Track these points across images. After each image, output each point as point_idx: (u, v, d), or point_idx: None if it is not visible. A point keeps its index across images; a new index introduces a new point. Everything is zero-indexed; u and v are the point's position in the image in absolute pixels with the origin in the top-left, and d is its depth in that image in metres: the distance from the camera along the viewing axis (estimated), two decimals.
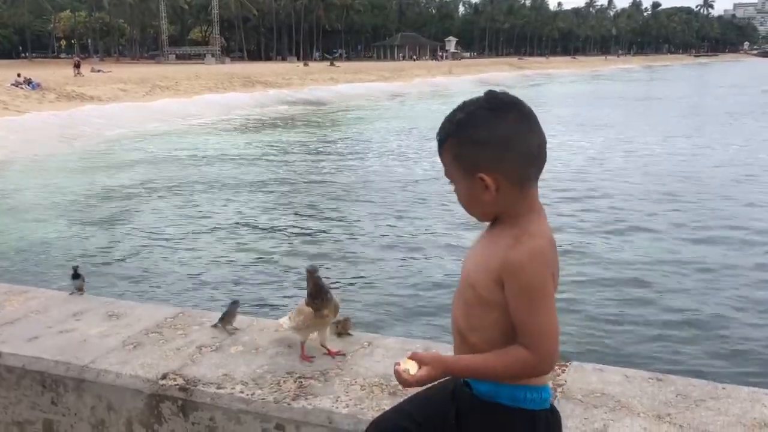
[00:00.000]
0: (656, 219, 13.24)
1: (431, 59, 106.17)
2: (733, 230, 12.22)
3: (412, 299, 8.81)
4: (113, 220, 13.13)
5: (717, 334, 7.68)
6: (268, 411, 2.15)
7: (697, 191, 15.64)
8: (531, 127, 1.66)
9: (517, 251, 1.61)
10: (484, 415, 1.70)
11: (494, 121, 1.65)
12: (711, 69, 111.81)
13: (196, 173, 18.39)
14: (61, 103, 30.65)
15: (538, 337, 1.61)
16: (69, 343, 2.59)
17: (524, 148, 1.64)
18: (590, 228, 12.34)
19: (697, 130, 27.45)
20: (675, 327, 7.84)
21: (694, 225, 12.68)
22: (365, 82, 53.71)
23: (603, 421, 2.03)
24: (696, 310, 8.39)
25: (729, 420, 2.03)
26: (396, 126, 29.82)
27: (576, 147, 22.21)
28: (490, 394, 1.69)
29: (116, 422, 2.37)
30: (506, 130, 1.64)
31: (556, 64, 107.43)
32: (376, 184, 16.83)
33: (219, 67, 63.49)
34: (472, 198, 1.71)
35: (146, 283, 9.36)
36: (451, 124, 1.69)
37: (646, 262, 10.38)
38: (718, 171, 18.19)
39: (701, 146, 22.87)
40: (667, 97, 47.82)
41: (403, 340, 2.65)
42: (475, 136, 1.66)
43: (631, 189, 15.81)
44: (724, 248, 11.20)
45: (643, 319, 8.09)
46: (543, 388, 1.74)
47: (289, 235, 12.32)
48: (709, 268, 10.13)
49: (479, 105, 1.67)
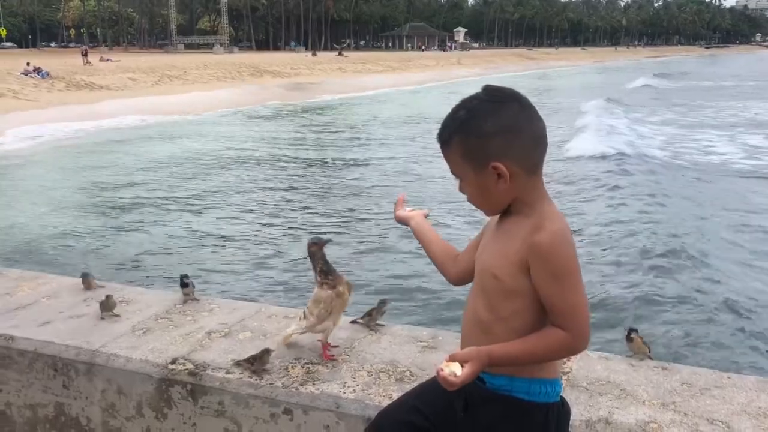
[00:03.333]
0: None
1: (440, 50, 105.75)
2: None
3: (418, 286, 8.83)
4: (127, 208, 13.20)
5: (725, 323, 7.68)
6: (277, 395, 2.18)
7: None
8: (532, 114, 1.70)
9: (542, 235, 1.63)
10: (498, 408, 1.71)
11: (498, 111, 1.68)
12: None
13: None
14: (70, 92, 30.76)
15: (572, 316, 1.64)
16: (80, 327, 2.63)
17: (531, 133, 1.69)
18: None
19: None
20: (683, 316, 7.84)
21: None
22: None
23: (608, 408, 2.04)
24: (705, 298, 8.39)
25: (734, 408, 2.05)
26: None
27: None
28: (506, 388, 1.71)
29: (126, 406, 2.40)
30: (511, 118, 1.68)
31: (566, 55, 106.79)
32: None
33: (227, 56, 63.46)
34: (485, 191, 1.73)
35: (155, 270, 9.42)
36: (455, 123, 1.72)
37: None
38: None
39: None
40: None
41: (410, 328, 2.67)
42: (481, 128, 1.68)
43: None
44: (737, 233, 11.17)
45: (652, 308, 8.10)
46: (556, 381, 1.76)
47: (302, 223, 12.38)
48: (713, 253, 10.12)
49: (480, 99, 1.71)
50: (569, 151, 19.20)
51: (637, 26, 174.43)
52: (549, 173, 14.36)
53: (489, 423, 1.72)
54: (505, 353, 1.68)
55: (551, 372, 1.74)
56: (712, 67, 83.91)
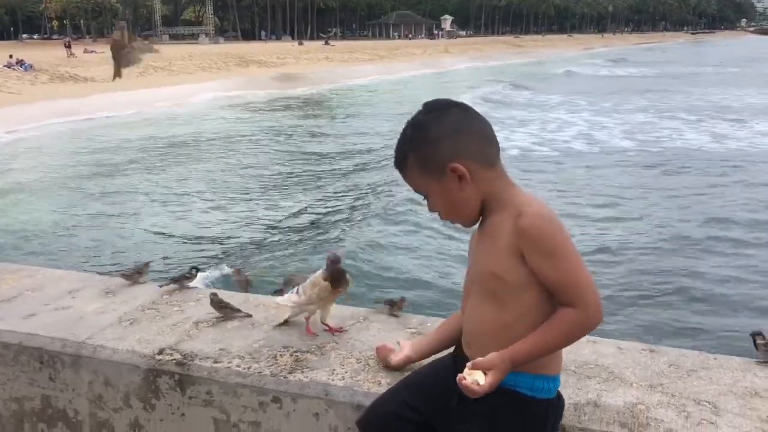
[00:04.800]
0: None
1: (427, 38, 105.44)
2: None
3: (409, 274, 8.85)
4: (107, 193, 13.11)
5: (709, 306, 7.75)
6: (265, 384, 2.17)
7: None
8: (473, 115, 1.76)
9: (524, 219, 1.62)
10: (501, 402, 1.69)
11: (439, 118, 1.73)
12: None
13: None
14: (54, 84, 30.42)
15: (576, 289, 1.61)
16: (65, 319, 2.60)
17: (477, 131, 1.74)
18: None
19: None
20: (669, 300, 7.91)
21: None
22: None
23: (596, 391, 2.05)
24: (690, 283, 8.46)
25: (720, 389, 2.06)
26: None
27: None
28: (510, 383, 1.68)
29: (114, 397, 2.38)
30: (454, 122, 1.72)
31: (553, 42, 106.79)
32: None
33: (212, 47, 62.93)
34: (453, 199, 1.73)
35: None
36: (404, 144, 1.76)
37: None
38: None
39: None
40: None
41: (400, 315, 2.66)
42: (428, 138, 1.72)
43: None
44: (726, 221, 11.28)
45: (638, 292, 8.16)
46: (557, 377, 1.76)
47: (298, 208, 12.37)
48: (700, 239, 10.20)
49: (420, 114, 1.77)
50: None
51: (623, 12, 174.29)
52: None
53: (489, 417, 1.70)
54: (526, 352, 1.65)
55: (554, 368, 1.74)
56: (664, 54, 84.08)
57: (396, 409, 1.87)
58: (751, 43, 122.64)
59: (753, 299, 8.02)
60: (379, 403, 1.94)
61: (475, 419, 1.71)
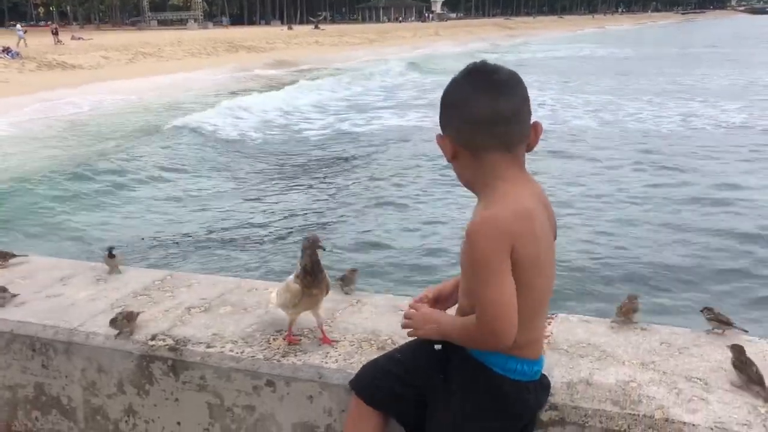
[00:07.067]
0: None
1: (417, 20, 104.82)
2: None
3: (400, 257, 8.86)
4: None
5: (701, 283, 7.82)
6: (258, 368, 2.17)
7: None
8: (490, 94, 1.62)
9: (471, 223, 1.62)
10: (474, 375, 1.72)
11: (456, 83, 1.69)
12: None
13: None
14: (42, 72, 30.09)
15: (482, 310, 1.61)
16: (57, 307, 2.59)
17: (472, 114, 1.62)
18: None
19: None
20: (661, 278, 7.97)
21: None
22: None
23: (588, 369, 2.06)
24: (679, 261, 8.53)
25: (711, 366, 2.07)
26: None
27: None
28: (482, 359, 1.71)
29: (107, 384, 2.38)
30: (459, 92, 1.66)
31: (544, 23, 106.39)
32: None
33: (201, 32, 62.39)
34: (451, 161, 1.72)
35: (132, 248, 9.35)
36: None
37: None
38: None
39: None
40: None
41: (391, 297, 2.66)
42: (443, 99, 1.71)
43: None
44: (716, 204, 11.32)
45: (629, 271, 8.22)
46: (535, 361, 1.76)
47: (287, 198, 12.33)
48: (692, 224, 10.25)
49: (461, 71, 1.71)
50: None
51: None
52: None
53: (462, 388, 1.73)
54: (449, 332, 1.74)
55: (530, 353, 1.73)
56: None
57: (391, 368, 1.89)
58: (741, 22, 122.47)
59: (738, 277, 8.10)
60: (373, 363, 1.97)
61: (451, 390, 1.74)
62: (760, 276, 8.04)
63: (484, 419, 1.69)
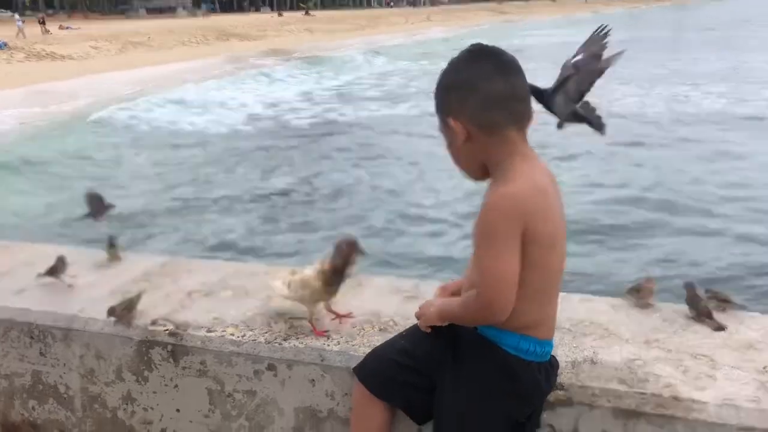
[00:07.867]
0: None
1: (409, 5, 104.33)
2: None
3: (400, 239, 8.86)
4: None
5: (703, 262, 7.85)
6: (260, 352, 2.15)
7: None
8: (502, 73, 1.64)
9: (491, 197, 1.62)
10: (485, 355, 1.71)
11: (462, 66, 1.67)
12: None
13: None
14: (31, 63, 29.77)
15: (482, 280, 1.61)
16: (56, 294, 2.56)
17: (486, 92, 1.63)
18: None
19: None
20: (663, 256, 8.01)
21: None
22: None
23: (592, 348, 2.05)
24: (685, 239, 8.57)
25: (716, 342, 2.07)
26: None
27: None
28: (494, 338, 1.70)
29: (106, 370, 2.35)
30: (470, 73, 1.65)
31: (537, 8, 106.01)
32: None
33: (191, 20, 61.86)
34: (454, 149, 1.71)
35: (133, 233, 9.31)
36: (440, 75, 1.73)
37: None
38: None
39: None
40: None
41: (393, 279, 2.65)
42: (443, 82, 1.70)
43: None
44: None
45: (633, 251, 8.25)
46: (547, 342, 1.75)
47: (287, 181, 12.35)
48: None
49: (459, 54, 1.70)
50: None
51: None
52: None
53: (472, 368, 1.72)
54: (449, 310, 1.76)
55: (542, 333, 1.72)
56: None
57: (395, 356, 1.87)
58: (739, 4, 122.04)
59: (740, 255, 8.14)
60: (378, 351, 1.94)
61: (460, 372, 1.72)
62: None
63: (495, 399, 1.68)
